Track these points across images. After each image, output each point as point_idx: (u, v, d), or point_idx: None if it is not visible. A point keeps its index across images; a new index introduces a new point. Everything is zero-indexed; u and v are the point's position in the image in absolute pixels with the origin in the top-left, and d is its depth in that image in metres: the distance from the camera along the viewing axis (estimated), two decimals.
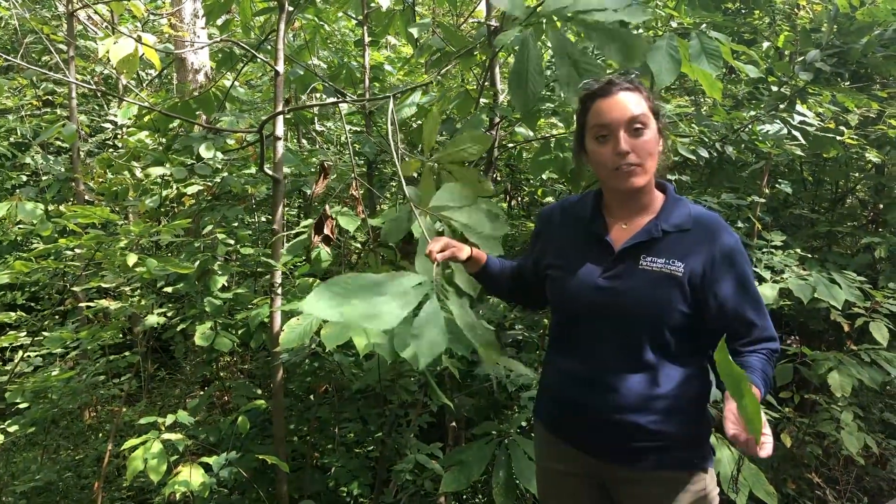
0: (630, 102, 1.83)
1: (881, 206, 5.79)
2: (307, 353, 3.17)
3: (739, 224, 4.16)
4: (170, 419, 3.13)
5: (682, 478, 1.91)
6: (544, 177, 4.86)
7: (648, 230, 1.91)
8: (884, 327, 3.43)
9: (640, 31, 4.66)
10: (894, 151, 4.34)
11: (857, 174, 5.53)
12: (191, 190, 3.89)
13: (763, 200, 4.15)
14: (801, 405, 4.06)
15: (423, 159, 2.52)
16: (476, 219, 2.29)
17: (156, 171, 3.93)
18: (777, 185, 4.27)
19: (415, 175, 2.44)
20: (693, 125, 3.40)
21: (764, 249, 4.00)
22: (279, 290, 3.33)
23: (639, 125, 1.83)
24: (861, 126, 4.31)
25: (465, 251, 2.09)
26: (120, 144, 5.97)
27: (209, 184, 4.05)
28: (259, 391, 4.48)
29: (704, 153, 3.28)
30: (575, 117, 2.01)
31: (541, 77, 2.11)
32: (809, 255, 4.12)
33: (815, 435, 4.02)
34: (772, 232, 4.08)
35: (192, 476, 3.09)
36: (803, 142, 3.42)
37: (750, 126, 3.62)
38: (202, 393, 5.65)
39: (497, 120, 3.86)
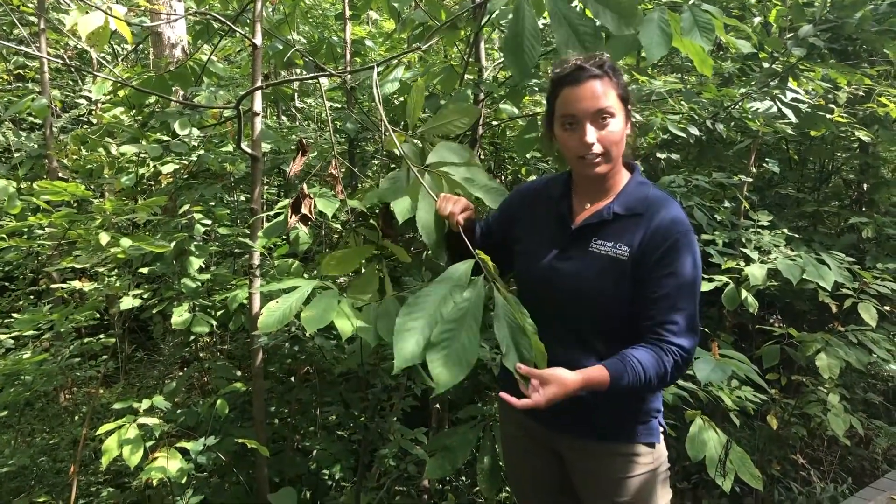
0: (598, 93, 1.82)
1: (865, 185, 5.77)
2: (287, 336, 3.09)
3: (727, 203, 4.11)
4: (146, 404, 3.04)
5: (627, 450, 1.99)
6: (528, 156, 4.78)
7: (600, 213, 1.94)
8: (872, 308, 3.40)
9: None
10: (883, 130, 4.30)
11: (842, 154, 5.50)
12: (167, 168, 3.77)
13: (750, 180, 4.10)
14: (787, 386, 4.04)
15: (407, 134, 2.43)
16: (476, 172, 2.28)
17: (131, 149, 3.81)
18: (764, 164, 4.22)
19: (397, 152, 2.35)
20: (682, 102, 3.33)
21: (751, 230, 3.96)
22: (258, 272, 3.24)
23: (605, 115, 1.84)
24: (848, 105, 4.26)
25: (473, 210, 2.12)
26: (94, 121, 5.81)
27: (185, 162, 3.93)
28: (238, 373, 4.40)
29: (695, 131, 3.22)
30: (545, 98, 1.98)
31: (537, 42, 2.04)
32: (795, 236, 4.07)
33: (800, 416, 4.01)
34: (758, 212, 4.03)
35: (169, 462, 3.01)
36: (794, 120, 3.36)
37: (740, 103, 3.55)
38: (181, 374, 5.56)
39: (482, 97, 3.77)
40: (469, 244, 1.98)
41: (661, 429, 2.09)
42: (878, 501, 3.35)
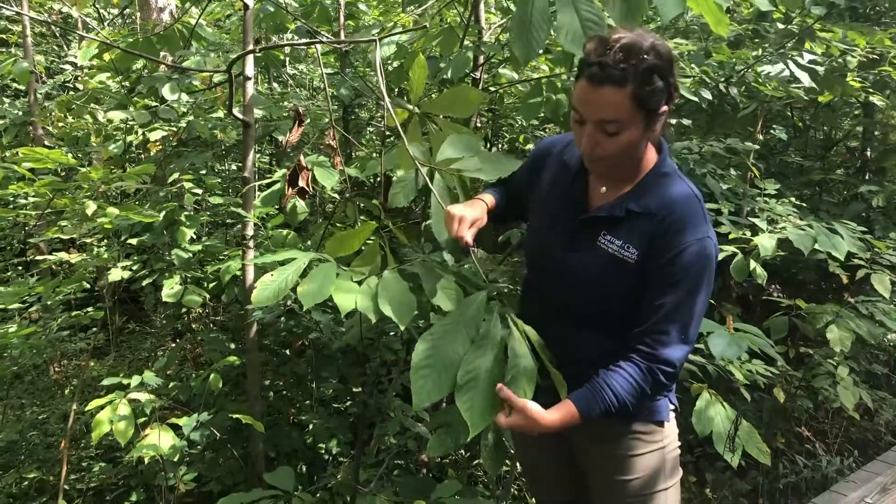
0: (609, 102, 1.61)
1: (868, 152, 5.66)
2: (283, 310, 2.98)
3: (733, 172, 4.00)
4: (136, 380, 2.94)
5: (634, 428, 1.93)
6: (531, 122, 4.66)
7: (612, 207, 1.80)
8: (886, 279, 3.30)
9: None
10: (894, 95, 4.18)
11: (847, 120, 5.38)
12: (155, 135, 3.64)
13: (758, 147, 3.98)
14: (792, 358, 3.96)
15: (410, 108, 2.31)
16: (487, 159, 2.20)
17: (118, 115, 3.66)
18: (772, 131, 4.10)
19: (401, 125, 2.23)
20: (693, 66, 3.20)
21: (758, 198, 3.85)
22: (251, 243, 3.12)
23: (612, 127, 1.65)
24: (859, 69, 4.13)
25: (483, 214, 2.01)
26: (80, 87, 5.65)
27: (174, 129, 3.79)
28: (232, 345, 4.30)
29: (707, 95, 3.09)
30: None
31: (547, 24, 1.87)
32: (803, 205, 3.97)
33: (805, 388, 3.93)
34: (765, 181, 3.93)
35: (160, 439, 2.91)
36: (809, 83, 3.23)
37: (752, 67, 3.42)
38: (173, 346, 5.47)
39: (481, 61, 3.63)
40: (478, 264, 2.00)
41: (672, 406, 2.01)
42: (889, 475, 3.29)
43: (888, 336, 3.62)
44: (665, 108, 1.68)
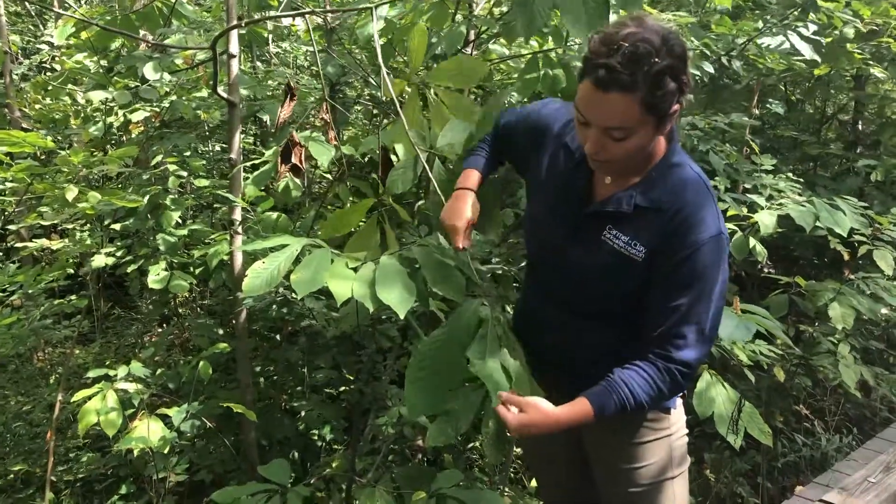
0: (616, 111, 1.48)
1: (860, 125, 5.61)
2: (274, 297, 2.89)
3: (728, 147, 3.92)
4: (122, 371, 2.84)
5: (641, 415, 1.87)
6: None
7: (619, 201, 1.68)
8: (888, 255, 3.24)
9: None
10: (893, 67, 4.11)
11: (840, 93, 5.32)
12: (136, 116, 3.51)
13: (754, 122, 3.90)
14: (791, 336, 3.92)
15: (411, 78, 2.21)
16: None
17: (97, 96, 3.53)
18: (768, 106, 4.03)
19: (398, 98, 2.13)
20: (692, 39, 3.11)
21: (754, 174, 3.79)
22: (239, 228, 3.02)
23: (619, 133, 1.52)
24: (857, 41, 4.05)
25: (475, 208, 1.94)
26: (58, 67, 5.48)
27: (156, 109, 3.67)
28: (220, 331, 4.21)
29: (709, 68, 3.01)
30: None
31: None
32: (800, 180, 3.90)
33: (804, 366, 3.89)
34: (762, 156, 3.85)
35: (149, 430, 2.83)
36: (810, 55, 3.15)
37: (753, 40, 3.33)
38: (161, 330, 5.38)
39: (472, 37, 3.53)
40: (473, 273, 1.97)
41: (680, 393, 1.95)
42: (891, 453, 3.26)
43: (881, 311, 3.57)
44: (677, 106, 1.55)
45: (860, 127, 5.81)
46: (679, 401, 1.97)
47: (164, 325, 5.49)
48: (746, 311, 2.42)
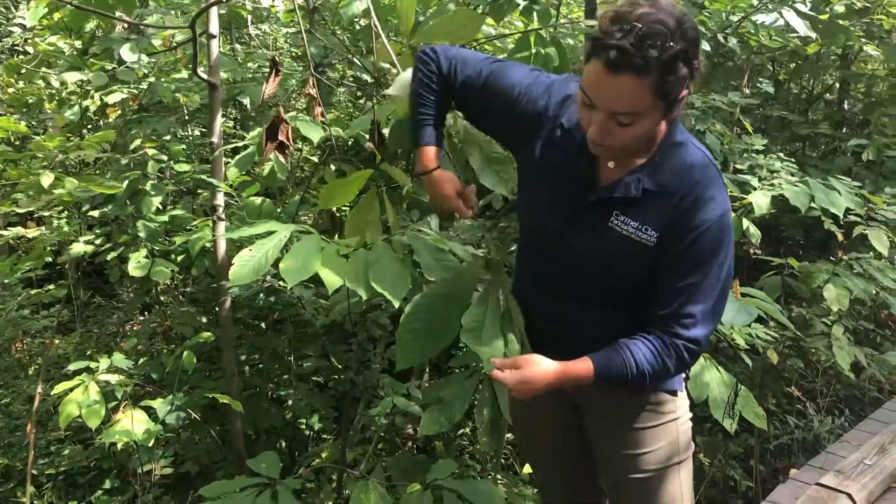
0: (626, 95, 1.41)
1: (846, 104, 5.59)
2: (261, 286, 2.81)
3: (719, 127, 3.86)
4: (104, 363, 2.76)
5: (648, 398, 1.82)
6: None
7: (627, 186, 1.59)
8: (884, 235, 3.21)
9: None
10: (882, 45, 4.06)
11: (829, 73, 5.28)
12: (112, 99, 3.40)
13: (745, 101, 3.85)
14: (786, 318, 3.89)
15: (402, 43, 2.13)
16: None
17: (71, 78, 3.42)
18: (759, 85, 3.98)
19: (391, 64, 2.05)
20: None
21: (744, 154, 3.74)
22: (222, 214, 2.93)
23: (627, 119, 1.44)
24: (846, 18, 4.00)
25: (453, 179, 1.85)
26: (30, 49, 5.33)
27: (134, 92, 3.55)
28: (204, 319, 4.12)
29: (706, 45, 2.94)
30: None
31: None
32: (791, 160, 3.86)
33: (796, 347, 3.87)
34: (753, 136, 3.80)
35: (133, 423, 2.75)
36: (805, 33, 3.10)
37: (749, 17, 3.27)
38: (143, 319, 5.28)
39: None
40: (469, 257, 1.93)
41: (684, 374, 1.92)
42: (885, 435, 3.24)
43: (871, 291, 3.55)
44: (686, 92, 1.47)
45: (846, 106, 5.79)
46: (684, 383, 1.92)
47: (146, 314, 5.39)
48: (746, 295, 2.37)
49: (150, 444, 2.78)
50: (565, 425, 1.99)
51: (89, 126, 4.61)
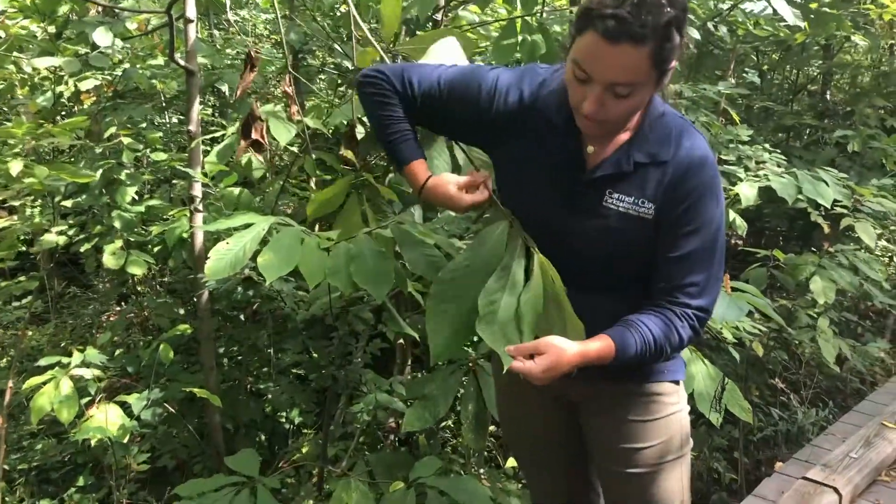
0: (626, 65, 1.38)
1: (828, 95, 5.58)
2: (239, 279, 2.73)
3: (704, 117, 3.82)
4: (76, 358, 2.67)
5: (652, 389, 1.75)
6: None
7: (618, 161, 1.57)
8: (870, 227, 3.19)
9: None
10: (868, 34, 4.04)
11: (812, 63, 5.26)
12: (85, 85, 3.29)
13: (742, 91, 3.80)
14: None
15: (382, 49, 2.06)
16: None
17: (43, 63, 3.31)
18: (744, 75, 3.94)
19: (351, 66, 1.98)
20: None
21: (730, 144, 3.70)
22: (200, 206, 2.85)
23: (624, 90, 1.41)
24: (832, 7, 3.97)
25: (451, 177, 1.73)
26: (1, 33, 5.20)
27: (108, 78, 3.45)
28: (181, 311, 4.04)
29: (695, 34, 2.89)
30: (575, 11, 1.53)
31: None
32: (777, 151, 3.83)
33: (780, 339, 3.85)
34: (739, 126, 3.76)
35: (107, 419, 2.67)
36: (793, 21, 3.05)
37: (737, 4, 3.22)
38: (119, 309, 5.18)
39: (443, 2, 3.37)
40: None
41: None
42: (871, 427, 3.23)
43: (878, 295, 3.55)
44: (675, 62, 1.45)
45: (828, 97, 5.78)
46: (684, 371, 1.85)
47: (123, 304, 5.28)
48: (736, 290, 2.33)
49: (125, 441, 2.70)
50: (558, 422, 1.92)
51: (63, 113, 4.50)
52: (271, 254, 1.78)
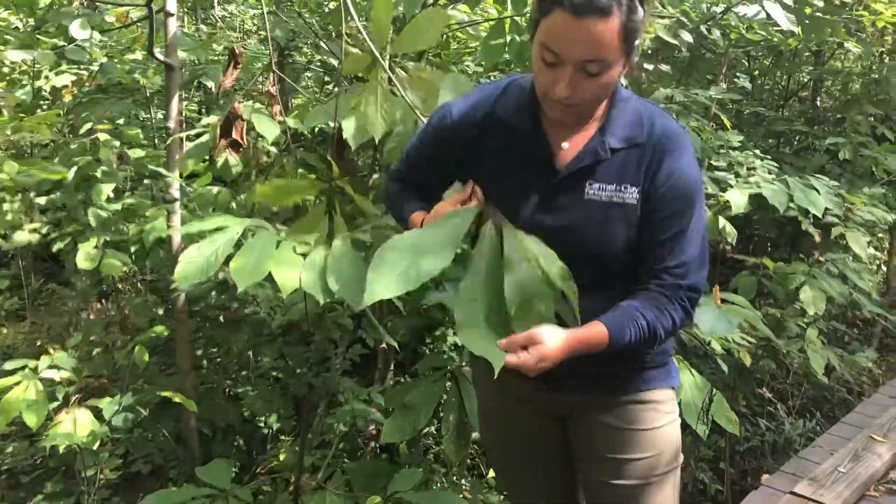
0: (596, 37, 1.35)
1: (819, 101, 5.54)
2: (214, 283, 2.65)
3: (694, 122, 3.76)
4: (44, 361, 2.58)
5: (647, 397, 1.68)
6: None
7: (594, 149, 1.53)
8: (861, 237, 3.14)
9: None
10: (861, 42, 3.99)
11: (804, 69, 5.22)
12: (60, 80, 3.20)
13: (734, 96, 3.74)
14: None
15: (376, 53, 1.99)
16: None
17: (16, 56, 3.21)
18: (735, 79, 3.88)
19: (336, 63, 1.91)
20: (668, 7, 2.92)
21: (721, 150, 3.65)
22: (177, 206, 2.77)
23: (595, 66, 1.39)
24: (824, 13, 3.92)
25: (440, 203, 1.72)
26: None
27: (83, 72, 3.36)
28: (161, 311, 3.94)
29: (688, 37, 2.83)
30: None
31: None
32: (768, 157, 3.78)
33: (768, 348, 3.80)
34: (729, 132, 3.71)
35: (76, 425, 2.58)
36: (787, 27, 2.99)
37: (731, 8, 3.16)
38: (99, 307, 5.07)
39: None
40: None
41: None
42: (859, 441, 3.18)
43: (867, 304, 3.51)
44: (639, 40, 1.45)
45: (818, 103, 5.74)
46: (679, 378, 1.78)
47: (104, 302, 5.18)
48: (725, 301, 2.26)
49: (95, 447, 2.61)
50: (543, 437, 1.84)
51: (45, 107, 4.40)
52: (244, 259, 1.71)
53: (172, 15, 2.94)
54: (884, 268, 5.83)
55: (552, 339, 1.43)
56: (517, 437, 1.87)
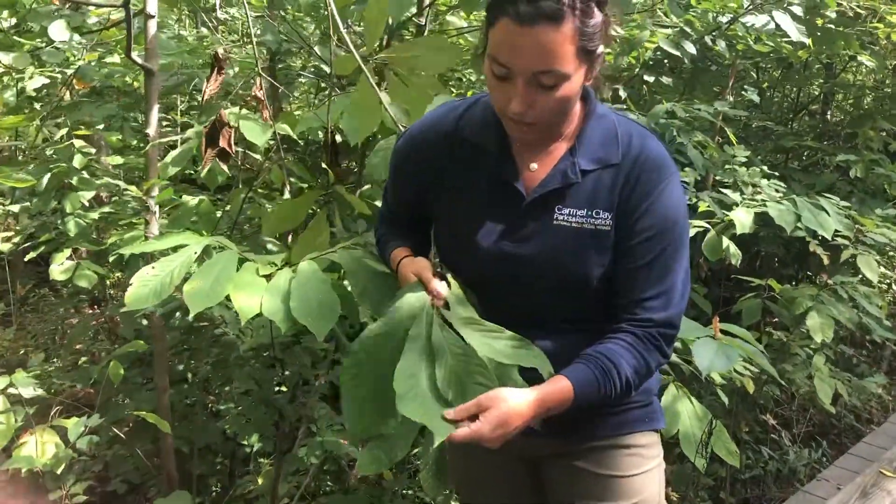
0: (545, 49, 1.23)
1: (829, 115, 5.41)
2: (176, 304, 2.51)
3: (698, 136, 3.62)
4: (2, 382, 2.45)
5: (630, 441, 1.56)
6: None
7: (563, 171, 1.42)
8: (873, 261, 2.99)
9: None
10: (874, 54, 3.85)
11: (814, 83, 5.07)
12: (32, 84, 3.08)
13: (733, 111, 3.60)
14: (765, 345, 3.66)
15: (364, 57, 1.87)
16: None
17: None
18: (743, 93, 3.74)
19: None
20: (670, 16, 2.78)
21: (726, 166, 3.50)
22: (156, 224, 2.64)
23: (549, 78, 1.26)
24: (837, 26, 3.78)
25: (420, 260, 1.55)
26: None
27: (57, 75, 3.23)
28: (145, 321, 3.82)
29: (691, 48, 2.69)
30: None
31: None
32: (775, 174, 3.64)
33: (771, 375, 3.65)
34: (735, 147, 3.57)
35: (41, 447, 2.44)
36: (797, 38, 2.85)
37: (738, 19, 3.02)
38: (90, 313, 4.96)
39: (427, 1, 3.18)
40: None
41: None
42: (868, 476, 3.02)
43: (878, 329, 3.37)
44: (603, 48, 1.32)
45: (829, 117, 5.60)
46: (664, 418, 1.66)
47: (96, 307, 5.06)
48: (724, 332, 2.11)
49: (59, 472, 2.47)
50: (514, 482, 1.70)
51: (27, 110, 4.28)
52: (199, 281, 1.56)
53: (153, 17, 2.82)
54: (894, 287, 5.67)
55: (507, 403, 1.27)
56: (486, 481, 1.73)
